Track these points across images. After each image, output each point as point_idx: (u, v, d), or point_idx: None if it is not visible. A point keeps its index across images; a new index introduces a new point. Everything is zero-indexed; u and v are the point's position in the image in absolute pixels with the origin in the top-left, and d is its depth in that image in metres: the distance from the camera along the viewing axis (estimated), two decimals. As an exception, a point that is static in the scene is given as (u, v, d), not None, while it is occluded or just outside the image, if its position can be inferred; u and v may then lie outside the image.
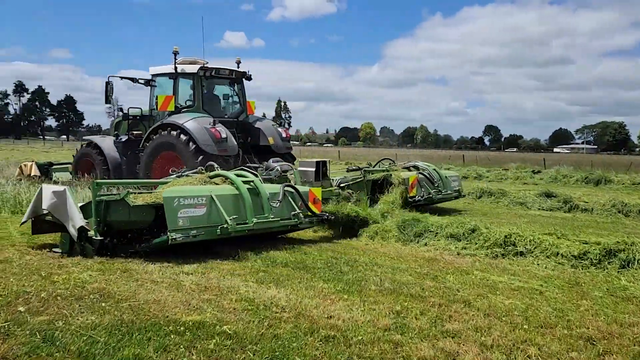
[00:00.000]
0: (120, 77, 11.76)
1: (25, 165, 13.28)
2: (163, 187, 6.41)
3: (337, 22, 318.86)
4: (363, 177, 9.81)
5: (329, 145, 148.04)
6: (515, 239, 7.04)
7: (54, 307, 4.04)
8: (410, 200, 9.43)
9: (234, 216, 6.06)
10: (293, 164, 10.41)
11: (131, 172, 11.00)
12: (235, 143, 10.30)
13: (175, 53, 10.78)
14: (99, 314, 3.94)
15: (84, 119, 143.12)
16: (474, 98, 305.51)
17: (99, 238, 5.73)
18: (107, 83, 11.33)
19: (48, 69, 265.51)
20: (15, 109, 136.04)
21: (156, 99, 10.90)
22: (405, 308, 4.48)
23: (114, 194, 6.06)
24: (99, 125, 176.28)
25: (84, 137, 12.43)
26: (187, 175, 7.01)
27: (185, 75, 10.85)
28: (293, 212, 6.98)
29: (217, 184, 6.69)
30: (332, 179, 9.70)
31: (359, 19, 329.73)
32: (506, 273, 5.89)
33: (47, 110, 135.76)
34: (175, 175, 7.17)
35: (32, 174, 12.40)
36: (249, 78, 11.64)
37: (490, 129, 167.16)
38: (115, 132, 12.24)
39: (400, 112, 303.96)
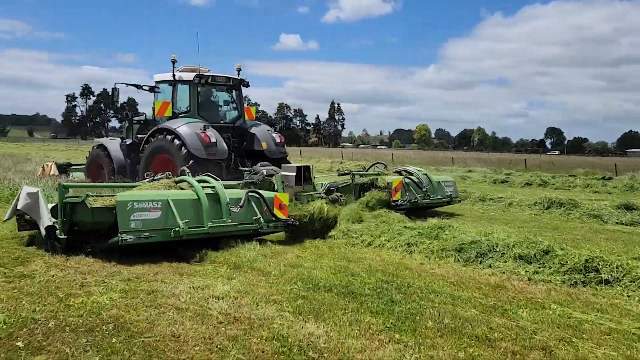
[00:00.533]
0: (125, 84, 11.96)
1: (47, 165, 13.74)
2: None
3: (392, 22, 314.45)
4: (351, 180, 10.12)
5: (382, 147, 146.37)
6: (597, 263, 6.00)
7: (58, 343, 3.50)
8: (393, 204, 9.51)
9: (186, 220, 6.22)
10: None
11: (134, 173, 11.38)
12: (226, 147, 10.46)
13: (174, 61, 11.19)
14: (105, 354, 3.38)
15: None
16: (535, 99, 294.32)
17: (64, 237, 6.00)
18: (114, 89, 11.76)
19: (114, 72, 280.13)
20: (82, 111, 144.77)
21: (154, 104, 11.43)
22: (470, 356, 3.67)
23: (77, 197, 6.22)
24: None
25: (95, 140, 12.66)
26: (156, 180, 7.35)
27: (183, 82, 11.23)
28: (254, 217, 7.12)
29: (182, 188, 6.92)
30: (322, 183, 9.99)
31: (415, 19, 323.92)
32: (591, 308, 4.91)
33: (111, 112, 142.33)
34: (147, 180, 7.46)
35: (52, 174, 12.74)
36: (247, 85, 11.95)
37: (553, 132, 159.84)
38: (121, 136, 12.80)
39: (456, 114, 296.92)
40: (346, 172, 10.88)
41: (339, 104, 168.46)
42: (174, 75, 11.23)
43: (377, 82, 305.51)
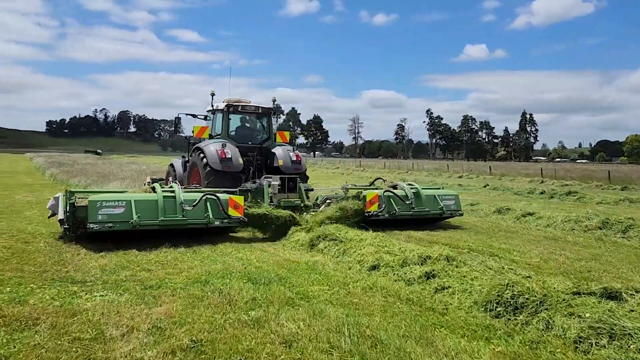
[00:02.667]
0: (185, 113, 14.36)
1: (146, 178, 16.73)
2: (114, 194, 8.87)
3: (593, 23, 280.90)
4: (344, 193, 11.53)
5: (583, 161, 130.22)
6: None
7: None
8: (366, 214, 10.39)
9: (139, 214, 8.16)
10: (305, 182, 12.54)
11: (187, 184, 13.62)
12: (240, 162, 11.99)
13: (212, 95, 13.53)
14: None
15: (329, 137, 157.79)
16: None
17: (67, 226, 8.38)
18: (177, 118, 14.31)
19: (303, 93, 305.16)
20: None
21: (193, 128, 13.34)
22: None
23: (74, 199, 8.45)
24: (341, 142, 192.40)
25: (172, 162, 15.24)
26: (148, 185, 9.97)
27: (219, 111, 13.26)
28: (205, 214, 8.79)
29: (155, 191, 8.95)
30: (322, 195, 12.10)
31: (623, 17, 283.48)
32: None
33: (298, 129, 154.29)
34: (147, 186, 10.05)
35: (145, 183, 15.17)
36: (275, 112, 13.66)
37: None
38: (183, 155, 14.79)
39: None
40: (350, 186, 12.51)
41: (531, 115, 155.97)
42: (212, 106, 13.61)
43: (571, 90, 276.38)
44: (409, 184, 11.78)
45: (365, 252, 7.52)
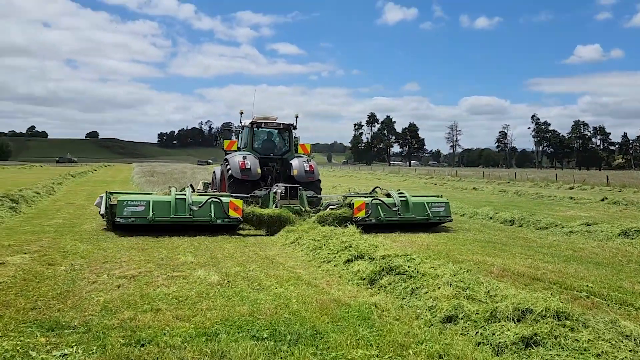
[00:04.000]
0: (222, 128, 16.82)
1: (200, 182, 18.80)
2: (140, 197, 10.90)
3: None
4: (343, 200, 12.89)
5: None
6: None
7: None
8: (354, 219, 11.43)
9: (154, 212, 10.14)
10: (317, 190, 14.15)
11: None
12: (258, 172, 13.63)
13: (241, 113, 15.38)
14: None
15: (424, 145, 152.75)
16: None
17: (106, 220, 10.70)
18: (217, 133, 15.91)
19: (400, 101, 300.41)
20: (367, 138, 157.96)
21: (223, 142, 15.82)
22: None
23: (111, 198, 10.66)
24: (438, 150, 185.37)
25: (214, 170, 16.64)
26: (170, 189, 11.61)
27: (245, 127, 15.14)
28: (209, 214, 10.58)
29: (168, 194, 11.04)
30: (325, 202, 13.49)
31: None
32: None
33: (393, 137, 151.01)
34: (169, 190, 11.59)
35: (197, 188, 16.66)
36: (295, 128, 15.28)
37: None
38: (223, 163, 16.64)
39: None
40: (353, 194, 14.70)
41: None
42: (241, 122, 15.55)
43: None
44: (400, 193, 12.78)
45: (440, 294, 5.61)
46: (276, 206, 12.04)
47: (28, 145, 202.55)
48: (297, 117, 15.65)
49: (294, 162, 14.32)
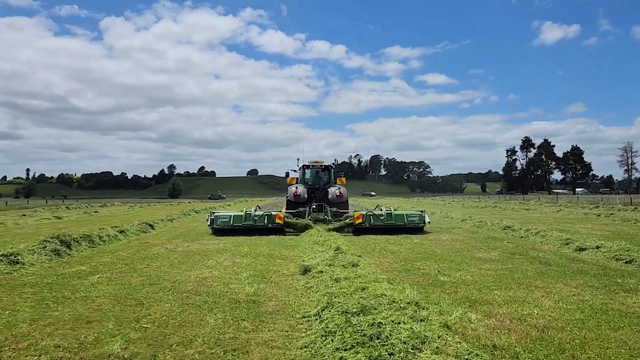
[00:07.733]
0: (288, 172, 25.56)
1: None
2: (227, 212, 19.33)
3: None
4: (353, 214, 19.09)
5: None
6: None
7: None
8: (355, 225, 17.79)
9: (232, 221, 17.67)
10: (344, 208, 21.77)
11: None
12: (306, 196, 21.65)
13: (298, 159, 25.07)
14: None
15: (591, 170, 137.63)
16: None
17: (210, 227, 18.08)
18: (287, 173, 25.15)
19: (562, 124, 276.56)
20: (521, 164, 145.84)
21: (286, 178, 24.53)
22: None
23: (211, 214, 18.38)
24: (610, 176, 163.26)
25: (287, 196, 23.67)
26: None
27: (300, 168, 24.26)
28: (264, 221, 17.73)
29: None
30: (344, 215, 20.14)
31: None
32: None
33: (553, 163, 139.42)
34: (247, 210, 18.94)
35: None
36: (333, 167, 24.14)
37: None
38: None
39: None
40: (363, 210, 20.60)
41: None
42: (297, 165, 25.01)
43: None
44: (387, 209, 19.09)
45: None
46: (309, 217, 19.65)
47: (198, 183, 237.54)
48: (335, 160, 24.23)
49: (330, 190, 22.51)
